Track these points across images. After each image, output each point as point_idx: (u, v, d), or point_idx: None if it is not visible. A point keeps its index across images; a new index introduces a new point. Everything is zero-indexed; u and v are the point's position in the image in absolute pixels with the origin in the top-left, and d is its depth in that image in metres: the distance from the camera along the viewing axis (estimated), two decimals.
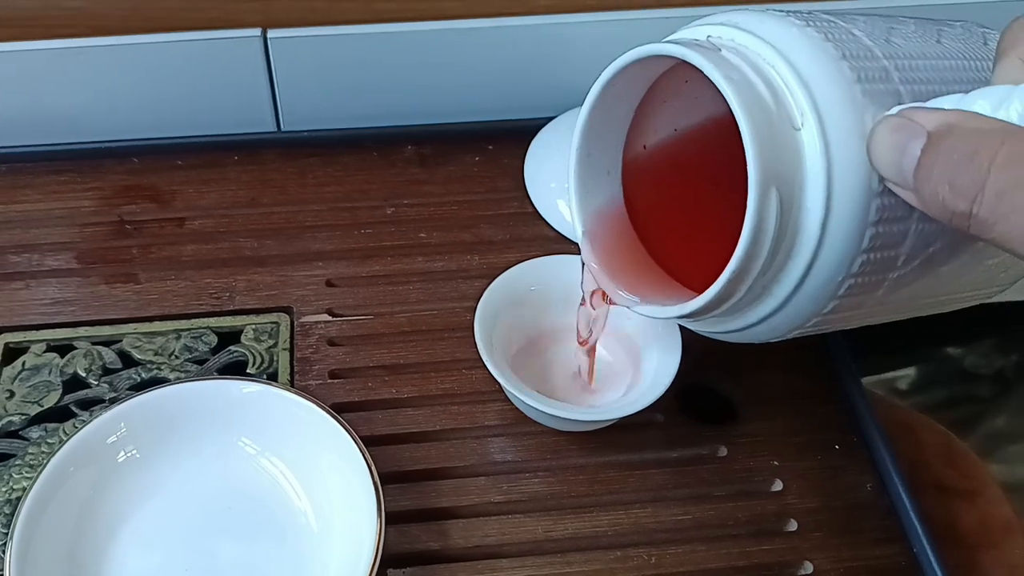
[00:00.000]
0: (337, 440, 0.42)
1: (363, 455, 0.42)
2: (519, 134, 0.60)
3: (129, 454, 0.42)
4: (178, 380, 0.48)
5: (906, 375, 1.02)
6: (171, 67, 0.57)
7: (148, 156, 0.59)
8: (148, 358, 0.49)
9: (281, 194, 0.57)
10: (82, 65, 0.56)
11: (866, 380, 0.56)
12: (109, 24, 0.55)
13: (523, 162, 0.58)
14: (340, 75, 0.59)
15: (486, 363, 0.43)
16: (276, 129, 0.61)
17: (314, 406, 0.43)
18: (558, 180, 0.56)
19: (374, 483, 0.41)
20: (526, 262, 0.48)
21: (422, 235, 0.55)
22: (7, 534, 0.40)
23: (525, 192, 0.57)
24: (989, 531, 0.51)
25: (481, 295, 0.46)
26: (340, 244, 0.54)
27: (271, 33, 0.56)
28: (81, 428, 0.41)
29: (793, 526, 0.45)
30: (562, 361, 0.48)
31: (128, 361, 0.49)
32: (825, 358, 0.51)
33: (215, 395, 0.43)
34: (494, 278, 0.47)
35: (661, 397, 0.43)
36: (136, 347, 0.50)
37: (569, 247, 0.54)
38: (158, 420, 0.43)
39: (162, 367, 0.49)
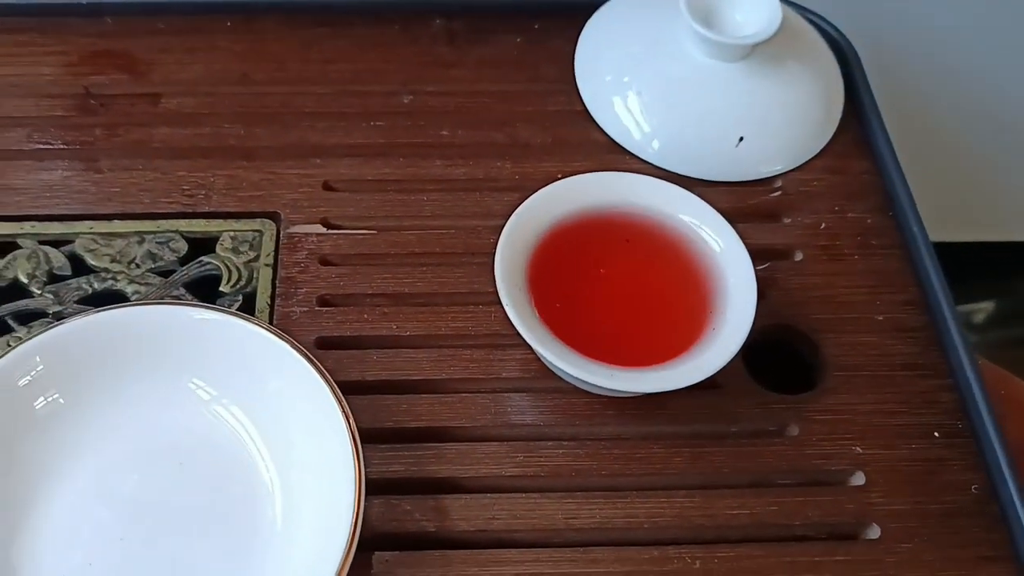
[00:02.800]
0: (311, 387, 0.35)
1: (341, 407, 0.35)
2: (572, 11, 0.52)
3: (50, 399, 0.36)
4: (137, 296, 0.41)
5: (984, 308, 0.94)
6: None
7: (124, 16, 0.51)
8: (103, 264, 0.42)
9: (279, 71, 0.50)
10: None
11: None
12: None
13: (575, 47, 0.51)
14: None
15: (505, 306, 0.37)
16: None
17: (284, 343, 0.36)
18: (616, 72, 0.48)
19: (353, 442, 0.34)
20: (571, 178, 0.41)
21: (444, 132, 0.48)
22: None
23: (575, 85, 0.50)
24: None
25: (511, 213, 0.39)
26: (344, 138, 0.47)
27: None
28: None
29: (876, 532, 0.37)
30: (608, 307, 0.40)
31: (80, 267, 0.42)
32: (932, 320, 0.42)
33: (161, 324, 0.36)
34: (529, 193, 0.40)
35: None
36: (91, 251, 0.42)
37: (624, 159, 0.47)
38: (87, 356, 0.36)
39: (119, 277, 0.42)
